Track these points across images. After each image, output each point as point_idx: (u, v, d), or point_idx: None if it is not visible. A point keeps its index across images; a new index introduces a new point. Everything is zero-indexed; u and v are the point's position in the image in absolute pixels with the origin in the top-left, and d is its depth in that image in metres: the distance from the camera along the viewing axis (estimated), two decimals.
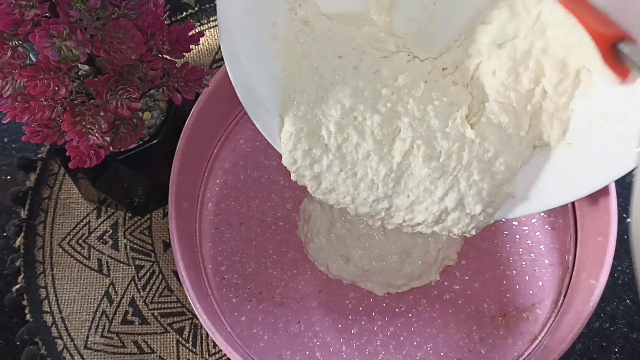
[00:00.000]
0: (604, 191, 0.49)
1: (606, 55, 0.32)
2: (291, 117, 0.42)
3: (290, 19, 0.43)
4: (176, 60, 0.47)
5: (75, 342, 0.55)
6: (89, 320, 0.56)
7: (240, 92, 0.43)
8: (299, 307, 0.54)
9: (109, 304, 0.56)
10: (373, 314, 0.54)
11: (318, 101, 0.42)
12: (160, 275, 0.57)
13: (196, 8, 0.69)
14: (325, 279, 0.55)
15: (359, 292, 0.54)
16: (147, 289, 0.57)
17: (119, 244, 0.58)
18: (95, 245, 0.58)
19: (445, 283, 0.54)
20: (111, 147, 0.48)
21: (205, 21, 0.68)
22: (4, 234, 0.59)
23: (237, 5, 0.41)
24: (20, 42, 0.41)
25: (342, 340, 0.53)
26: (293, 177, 0.44)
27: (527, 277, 0.54)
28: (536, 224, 0.56)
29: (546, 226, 0.56)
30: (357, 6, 0.45)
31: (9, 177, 0.61)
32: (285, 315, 0.54)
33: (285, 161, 0.43)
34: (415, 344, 0.53)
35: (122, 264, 0.58)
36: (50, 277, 0.57)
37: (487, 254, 0.55)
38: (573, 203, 0.55)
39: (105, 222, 0.59)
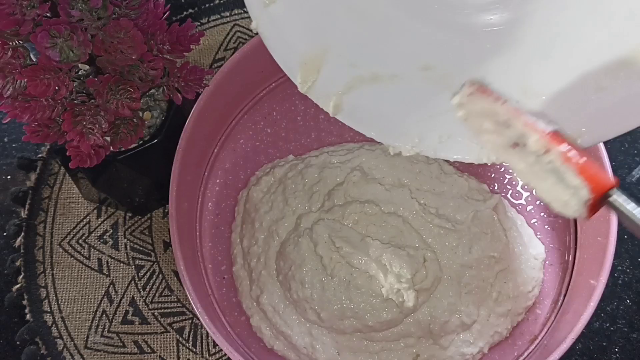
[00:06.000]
0: None
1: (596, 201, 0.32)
2: None
3: None
4: (176, 60, 0.47)
5: (76, 341, 0.55)
6: (89, 320, 0.56)
7: None
8: None
9: (109, 304, 0.56)
10: None
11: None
12: (160, 275, 0.57)
13: (196, 8, 0.69)
14: None
15: None
16: (147, 289, 0.57)
17: (119, 244, 0.58)
18: (95, 245, 0.58)
19: None
20: (111, 147, 0.48)
21: (205, 21, 0.68)
22: (4, 234, 0.59)
23: None
24: (21, 42, 0.41)
25: None
26: None
27: None
28: (536, 224, 0.56)
29: (546, 226, 0.56)
30: None
31: (9, 177, 0.61)
32: None
33: None
34: None
35: (122, 264, 0.58)
36: (50, 276, 0.57)
37: None
38: None
39: (105, 222, 0.59)
